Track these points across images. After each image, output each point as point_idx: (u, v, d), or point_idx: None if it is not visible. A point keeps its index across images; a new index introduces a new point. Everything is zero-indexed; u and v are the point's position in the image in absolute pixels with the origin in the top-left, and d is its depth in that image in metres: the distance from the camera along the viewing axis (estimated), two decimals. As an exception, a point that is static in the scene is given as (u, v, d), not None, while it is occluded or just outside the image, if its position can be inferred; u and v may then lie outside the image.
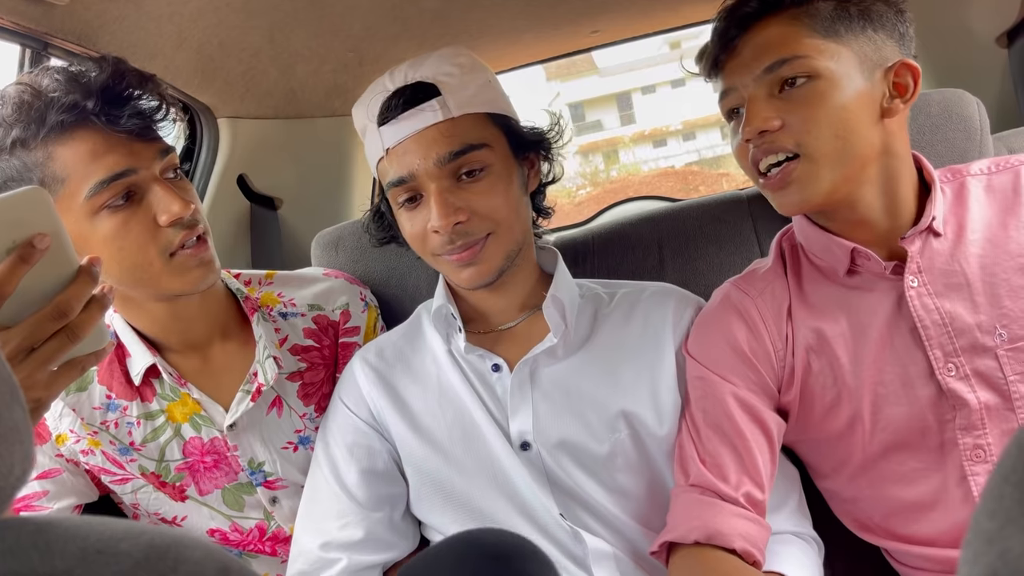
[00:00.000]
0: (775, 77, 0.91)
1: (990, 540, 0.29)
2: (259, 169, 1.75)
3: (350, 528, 1.04)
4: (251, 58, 1.49)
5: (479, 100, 1.02)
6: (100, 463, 1.13)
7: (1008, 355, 0.91)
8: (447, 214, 0.97)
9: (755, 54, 0.92)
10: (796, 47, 0.90)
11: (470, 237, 1.00)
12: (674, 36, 2.09)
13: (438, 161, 0.98)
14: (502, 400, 1.06)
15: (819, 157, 0.90)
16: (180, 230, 0.99)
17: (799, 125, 0.89)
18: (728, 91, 0.96)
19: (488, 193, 1.00)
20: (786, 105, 0.90)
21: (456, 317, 1.08)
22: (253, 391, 1.12)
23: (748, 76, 0.93)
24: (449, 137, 0.99)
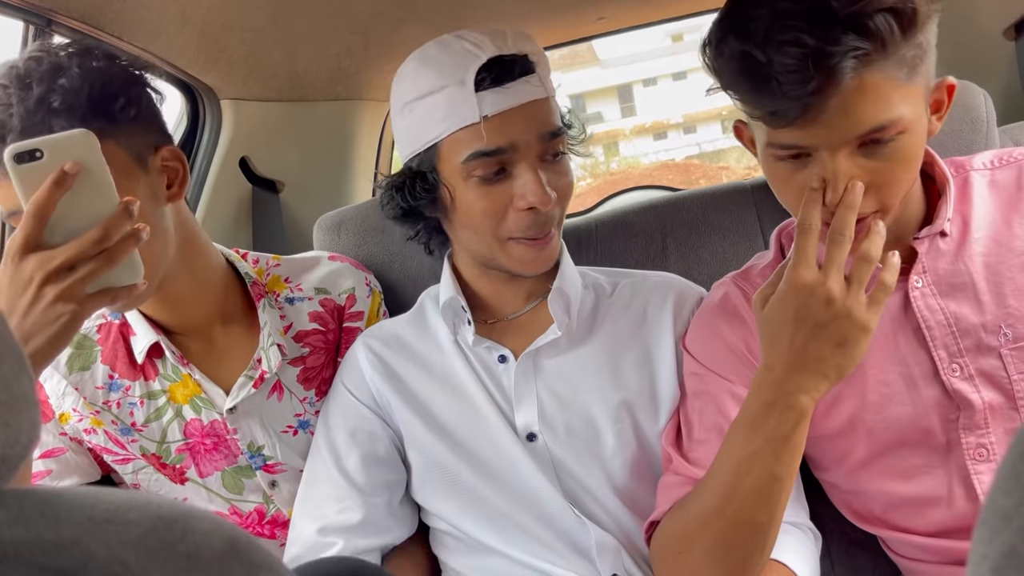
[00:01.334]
0: (866, 138, 0.81)
1: (1007, 517, 0.29)
2: (261, 152, 1.75)
3: (348, 512, 1.04)
4: (255, 39, 1.49)
5: (551, 79, 1.03)
6: (102, 443, 1.13)
7: (1012, 354, 0.90)
8: (547, 200, 0.96)
9: (848, 116, 0.79)
10: (892, 106, 0.80)
11: (552, 221, 1.00)
12: (676, 29, 2.08)
13: (541, 137, 0.97)
14: (507, 391, 1.06)
15: (894, 207, 0.86)
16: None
17: (885, 186, 0.83)
18: (795, 147, 0.84)
19: (567, 175, 1.02)
20: (869, 166, 0.82)
21: (466, 310, 1.07)
22: (256, 378, 1.11)
23: (839, 138, 0.81)
24: (551, 114, 0.99)
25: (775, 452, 0.82)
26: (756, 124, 0.87)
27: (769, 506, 0.84)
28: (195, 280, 1.10)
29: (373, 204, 1.42)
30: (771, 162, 0.88)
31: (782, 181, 0.88)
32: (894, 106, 0.80)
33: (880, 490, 0.99)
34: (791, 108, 0.79)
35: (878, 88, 0.79)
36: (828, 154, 0.82)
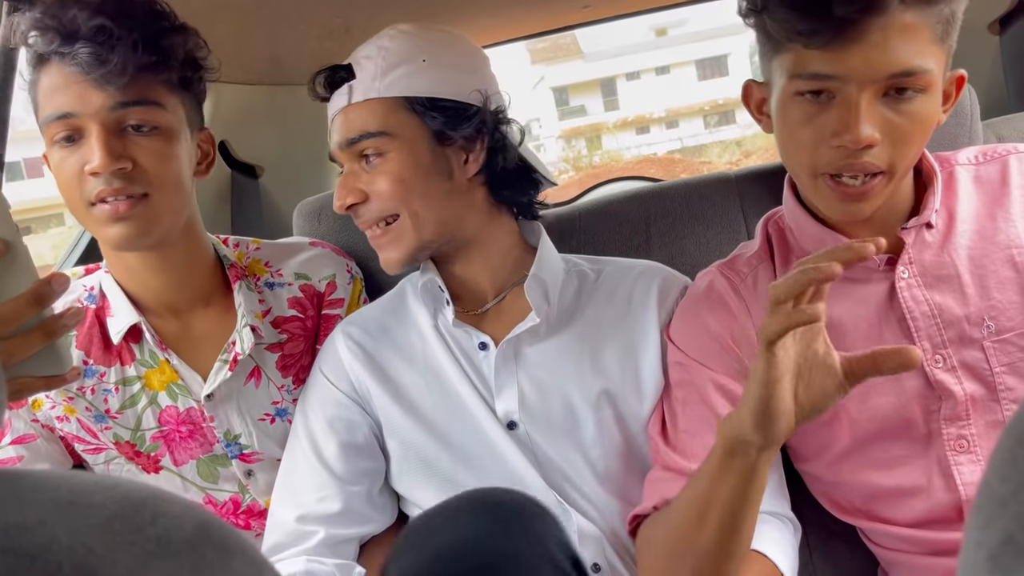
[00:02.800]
0: (893, 84, 0.82)
1: (1004, 503, 0.29)
2: (241, 136, 1.72)
3: (328, 501, 1.03)
4: (239, 20, 1.46)
5: (393, 85, 1.01)
6: (74, 431, 1.11)
7: (995, 347, 0.91)
8: (342, 196, 1.04)
9: (888, 48, 0.79)
10: (925, 54, 0.80)
11: (369, 214, 1.04)
12: (660, 24, 2.08)
13: (340, 145, 1.04)
14: (488, 379, 1.05)
15: (900, 173, 0.86)
16: (101, 183, 0.97)
17: (897, 144, 0.84)
18: (826, 77, 0.83)
19: (381, 176, 1.02)
20: (889, 117, 0.83)
21: (444, 291, 1.06)
22: (230, 360, 1.10)
23: (870, 72, 0.80)
24: (350, 123, 1.03)
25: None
26: (782, 58, 0.87)
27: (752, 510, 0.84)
28: (189, 255, 1.11)
29: (354, 190, 1.40)
30: (791, 103, 0.87)
31: (798, 123, 0.87)
32: (926, 57, 0.80)
33: (861, 481, 0.99)
34: (833, 26, 0.78)
35: (918, 32, 0.79)
36: (856, 89, 0.81)
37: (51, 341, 0.74)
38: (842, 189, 0.87)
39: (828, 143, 0.85)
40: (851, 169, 0.85)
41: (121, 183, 0.97)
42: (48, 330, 0.74)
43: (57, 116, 0.98)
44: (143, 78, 0.98)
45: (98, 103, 0.97)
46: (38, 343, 0.73)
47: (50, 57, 0.98)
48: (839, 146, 0.84)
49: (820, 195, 0.90)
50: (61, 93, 0.97)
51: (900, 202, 0.95)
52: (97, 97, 0.97)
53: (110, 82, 0.96)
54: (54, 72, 0.98)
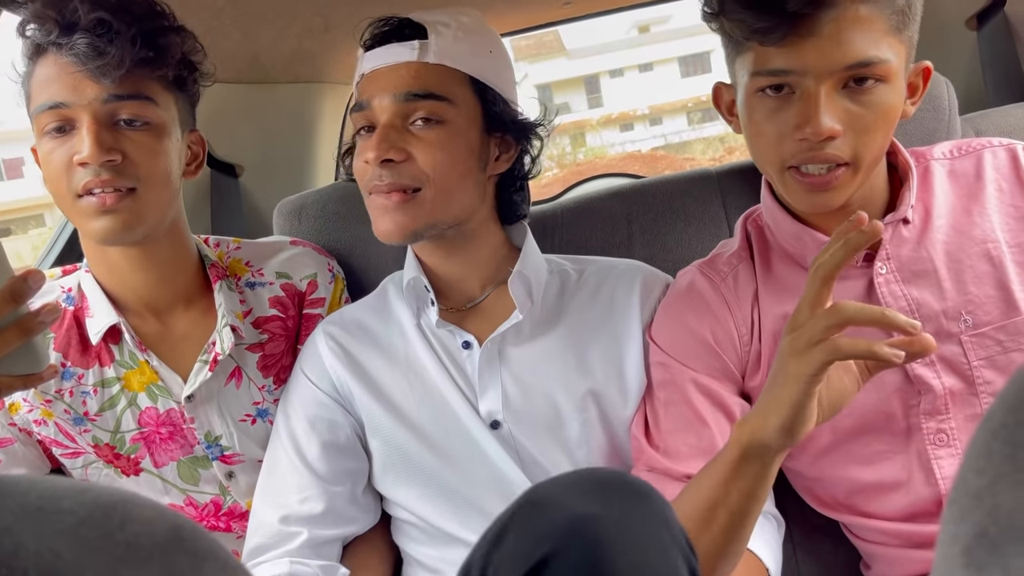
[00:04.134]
0: (851, 75, 0.83)
1: (979, 497, 0.29)
2: (220, 135, 1.71)
3: (311, 502, 1.02)
4: (212, 19, 1.45)
5: (465, 60, 1.01)
6: (52, 435, 1.10)
7: (972, 341, 0.92)
8: (382, 147, 0.97)
9: (843, 40, 0.81)
10: (881, 44, 0.82)
11: (397, 177, 0.98)
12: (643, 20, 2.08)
13: (395, 97, 0.99)
14: (471, 378, 1.05)
15: (865, 165, 0.87)
16: (89, 174, 0.97)
17: (860, 134, 0.85)
18: (784, 72, 0.85)
19: (432, 146, 0.98)
20: (849, 108, 0.84)
21: (429, 290, 1.06)
22: (210, 361, 1.09)
23: (827, 65, 0.82)
24: (416, 78, 0.99)
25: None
26: (744, 58, 0.89)
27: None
28: (172, 253, 1.11)
29: (334, 189, 1.40)
30: (754, 100, 0.89)
31: (762, 119, 0.89)
32: (882, 47, 0.82)
33: (843, 476, 0.99)
34: (787, 22, 0.81)
35: (872, 23, 0.82)
36: (814, 82, 0.83)
37: (28, 339, 0.74)
38: (808, 180, 0.87)
39: (791, 137, 0.86)
40: (814, 160, 0.86)
41: (109, 175, 0.97)
42: (25, 327, 0.74)
43: (49, 106, 0.98)
44: (138, 73, 0.99)
45: (92, 94, 0.97)
46: (15, 340, 0.73)
47: (47, 48, 0.98)
48: (801, 139, 0.85)
49: (788, 188, 0.91)
50: (55, 83, 0.98)
51: (875, 197, 0.96)
52: (91, 88, 0.97)
53: (105, 74, 0.96)
54: (50, 63, 0.98)
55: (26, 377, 0.77)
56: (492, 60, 1.05)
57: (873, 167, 0.90)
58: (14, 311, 0.73)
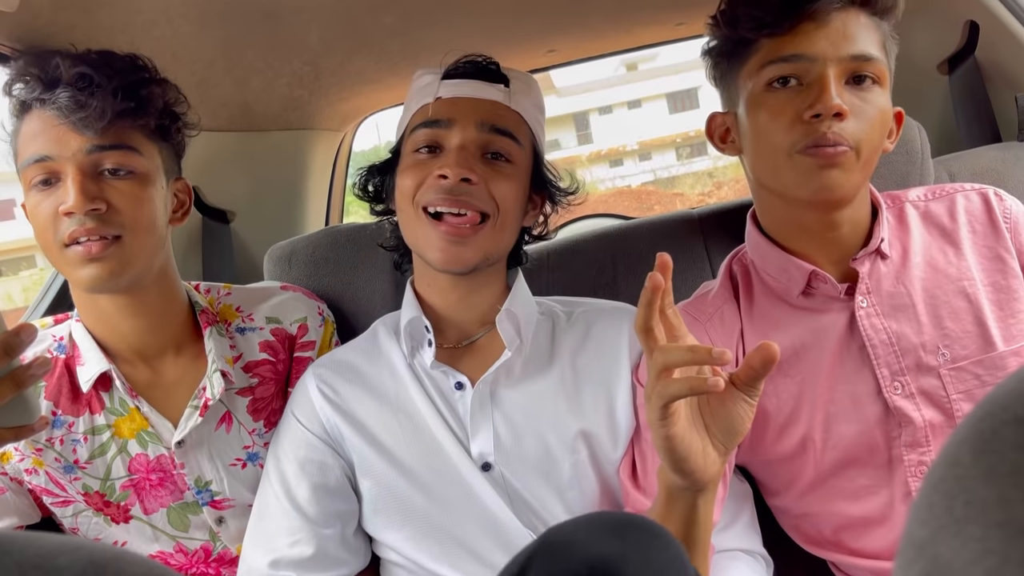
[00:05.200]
0: (855, 68, 0.90)
1: (921, 547, 0.30)
2: (212, 182, 1.73)
3: (300, 545, 1.02)
4: (205, 70, 1.48)
5: (531, 117, 1.09)
6: (43, 483, 1.09)
7: (951, 374, 0.94)
8: (465, 165, 0.99)
9: (847, 36, 0.90)
10: (877, 48, 0.91)
11: (468, 200, 1.00)
12: (630, 58, 2.13)
13: (480, 124, 1.03)
14: (463, 419, 1.05)
15: (864, 156, 0.91)
16: (74, 224, 0.99)
17: (862, 123, 0.90)
18: (795, 57, 0.91)
19: (507, 179, 1.03)
20: (851, 99, 0.90)
21: (429, 330, 1.07)
22: (200, 406, 1.10)
23: (835, 52, 0.90)
24: (501, 116, 1.04)
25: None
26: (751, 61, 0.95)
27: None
28: (162, 300, 1.12)
29: (324, 234, 1.41)
30: (764, 96, 0.94)
31: (774, 111, 0.93)
32: (877, 52, 0.90)
33: (830, 512, 1.01)
34: (799, 11, 0.89)
35: (871, 29, 0.91)
36: (823, 67, 0.89)
37: (20, 391, 0.75)
38: (820, 154, 0.89)
39: (802, 118, 0.90)
40: (824, 140, 0.89)
41: (94, 223, 0.99)
42: (17, 380, 0.75)
43: (35, 159, 1.00)
44: (120, 123, 1.02)
45: (75, 146, 0.99)
46: (8, 393, 0.74)
47: (32, 104, 1.01)
48: (813, 116, 0.89)
49: (797, 171, 0.92)
50: (40, 137, 1.00)
51: (856, 235, 0.99)
52: (74, 140, 0.99)
53: (88, 126, 0.98)
54: (35, 118, 1.01)
55: (17, 429, 0.78)
56: (543, 126, 1.13)
57: (870, 165, 0.93)
58: (7, 365, 0.74)
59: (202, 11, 1.28)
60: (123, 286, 1.04)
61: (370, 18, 1.48)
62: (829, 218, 0.96)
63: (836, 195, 0.92)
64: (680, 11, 1.72)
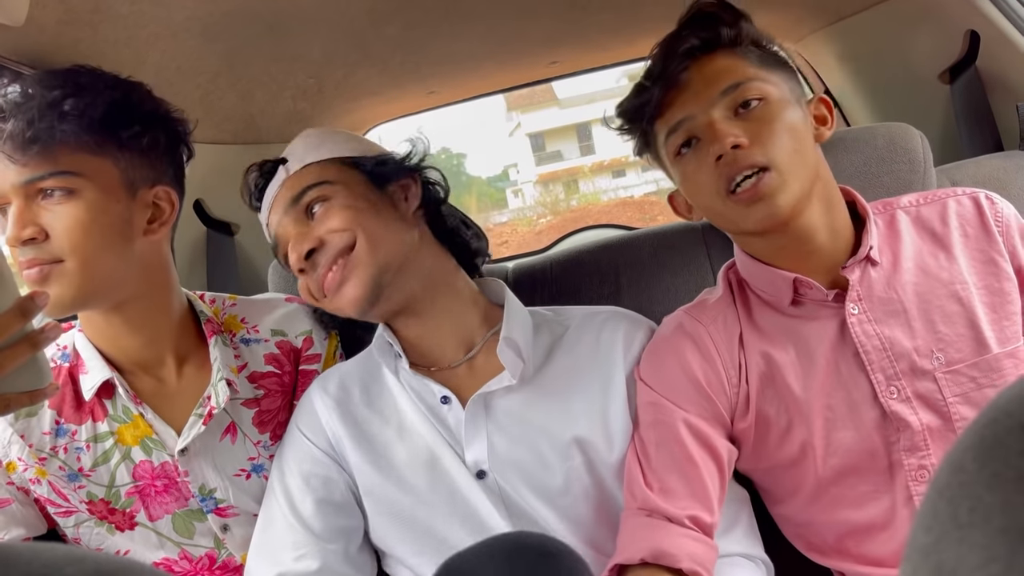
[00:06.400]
0: (731, 100, 0.95)
1: (926, 553, 0.30)
2: (216, 194, 1.74)
3: (306, 560, 1.02)
4: (209, 83, 1.49)
5: (322, 152, 1.11)
6: (46, 493, 1.10)
7: (946, 378, 0.94)
8: (299, 248, 1.04)
9: (707, 82, 0.96)
10: (745, 73, 0.96)
11: (327, 254, 1.04)
12: (632, 69, 2.14)
13: (284, 210, 1.07)
14: (455, 431, 1.05)
15: (785, 168, 0.92)
16: (27, 252, 0.98)
17: (764, 140, 0.92)
18: (681, 123, 0.98)
19: (331, 217, 1.05)
20: (746, 125, 0.93)
21: (392, 343, 1.09)
22: (205, 415, 1.10)
23: (703, 103, 0.95)
24: (288, 190, 1.08)
25: None
26: (662, 144, 1.02)
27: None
28: (158, 313, 1.11)
29: (328, 246, 1.42)
30: (678, 164, 1.01)
31: (690, 170, 0.99)
32: (749, 74, 0.96)
33: (833, 519, 1.01)
34: (667, 86, 0.98)
35: (733, 64, 0.97)
36: (704, 116, 0.95)
37: (36, 351, 0.77)
38: (742, 196, 0.93)
39: (712, 166, 0.94)
40: (736, 172, 0.93)
41: (33, 253, 0.97)
42: (33, 341, 0.77)
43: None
44: (53, 147, 0.97)
45: (12, 177, 0.97)
46: (24, 354, 0.76)
47: None
48: (718, 158, 0.93)
49: (734, 213, 0.96)
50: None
51: (841, 242, 0.99)
52: (11, 171, 0.97)
53: (14, 160, 0.96)
54: None
55: (32, 393, 0.80)
56: (347, 139, 1.15)
57: (802, 171, 0.94)
58: (22, 328, 0.76)
59: (206, 25, 1.29)
60: (83, 308, 1.03)
61: (373, 31, 1.49)
62: (795, 232, 0.97)
63: (780, 217, 0.94)
64: (681, 23, 1.73)
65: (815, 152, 0.98)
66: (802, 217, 0.96)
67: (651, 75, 1.00)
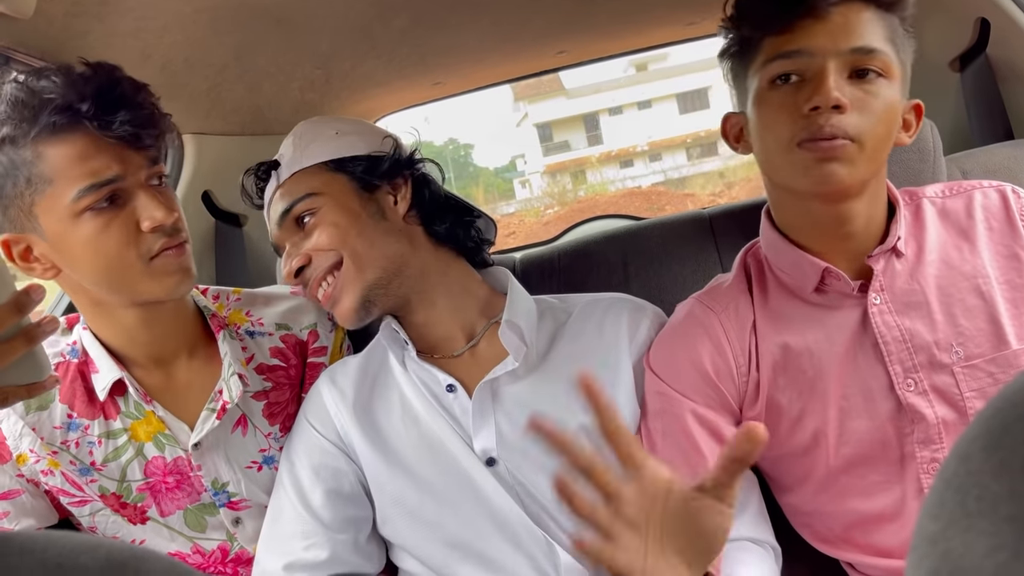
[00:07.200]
0: (856, 61, 0.89)
1: (933, 542, 0.30)
2: (225, 186, 1.74)
3: (315, 549, 1.03)
4: (217, 75, 1.49)
5: (309, 156, 1.13)
6: (59, 484, 1.10)
7: (964, 372, 0.93)
8: (288, 263, 1.12)
9: (849, 28, 0.89)
10: (882, 42, 0.90)
11: (315, 271, 1.10)
12: (640, 58, 2.13)
13: (277, 223, 1.13)
14: (461, 420, 1.06)
15: (868, 148, 0.90)
16: (161, 236, 1.01)
17: (864, 115, 0.89)
18: (795, 53, 0.91)
19: (317, 231, 1.10)
20: (854, 91, 0.89)
21: (399, 331, 1.10)
22: (218, 409, 1.11)
23: (834, 46, 0.89)
24: (280, 201, 1.13)
25: None
26: (757, 58, 0.95)
27: None
28: (174, 309, 1.12)
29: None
30: (767, 93, 0.94)
31: (777, 108, 0.92)
32: (884, 44, 0.89)
33: (841, 509, 1.01)
34: (800, 9, 0.90)
35: (874, 24, 0.90)
36: (822, 61, 0.89)
37: (32, 346, 0.78)
38: (818, 148, 0.89)
39: (802, 112, 0.89)
40: (822, 133, 0.88)
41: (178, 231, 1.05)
42: (29, 336, 0.77)
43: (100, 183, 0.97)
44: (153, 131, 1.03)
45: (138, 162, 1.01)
46: (20, 348, 0.77)
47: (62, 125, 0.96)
48: (812, 109, 0.88)
49: (796, 165, 0.92)
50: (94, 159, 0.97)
51: (872, 232, 0.98)
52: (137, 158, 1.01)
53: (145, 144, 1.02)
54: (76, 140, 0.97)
55: (30, 386, 0.80)
56: (337, 137, 1.15)
57: (878, 157, 0.92)
58: (18, 322, 0.77)
59: (214, 17, 1.29)
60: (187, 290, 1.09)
61: (380, 22, 1.49)
62: (838, 211, 0.95)
63: (837, 186, 0.91)
64: (691, 11, 1.72)
65: (890, 145, 0.94)
66: (852, 199, 0.94)
67: None
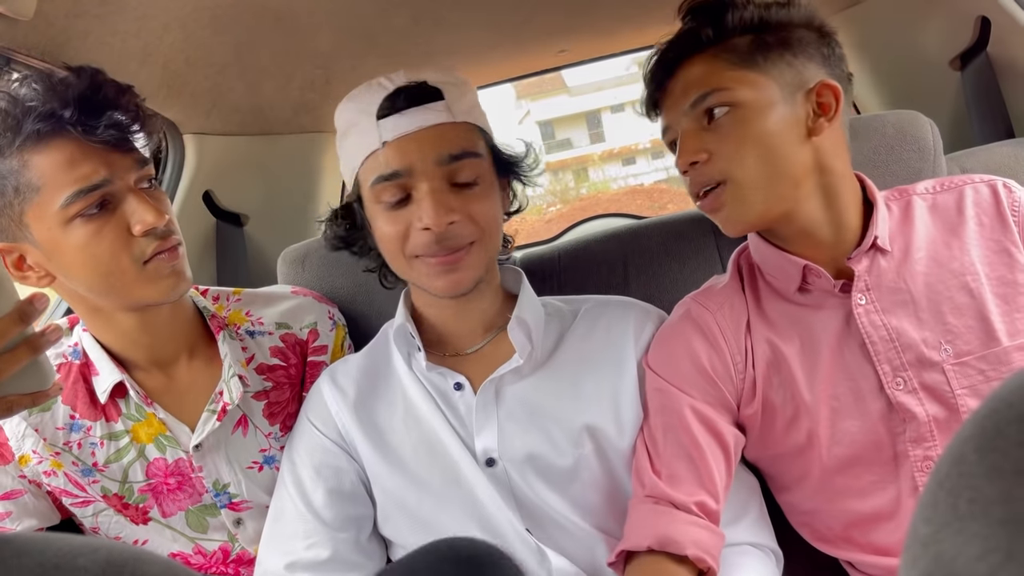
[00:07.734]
0: (700, 110, 0.96)
1: (925, 544, 0.30)
2: (225, 185, 1.74)
3: (316, 548, 1.03)
4: (217, 74, 1.49)
5: (475, 113, 1.04)
6: (62, 485, 1.11)
7: (954, 369, 0.93)
8: (442, 212, 0.96)
9: (682, 91, 0.98)
10: (716, 81, 0.95)
11: (457, 240, 0.99)
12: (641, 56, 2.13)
13: (438, 160, 0.98)
14: (465, 418, 1.06)
15: (745, 183, 0.94)
16: (154, 240, 1.00)
17: (726, 155, 0.94)
18: (666, 128, 1.03)
19: (481, 200, 1.00)
20: (713, 136, 0.95)
21: (415, 336, 1.08)
22: (219, 410, 1.11)
23: (678, 112, 0.99)
24: (451, 139, 0.99)
25: None
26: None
27: None
28: (178, 308, 1.12)
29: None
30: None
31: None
32: (721, 81, 0.95)
33: (838, 508, 1.01)
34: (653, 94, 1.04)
35: (706, 68, 0.97)
36: (678, 124, 0.99)
37: (36, 355, 0.77)
38: (703, 206, 1.00)
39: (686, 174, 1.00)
40: (698, 185, 0.98)
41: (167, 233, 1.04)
42: (33, 345, 0.77)
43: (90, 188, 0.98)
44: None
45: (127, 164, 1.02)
46: (24, 358, 0.76)
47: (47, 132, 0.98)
48: (683, 172, 1.00)
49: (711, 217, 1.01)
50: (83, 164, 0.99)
51: (847, 229, 0.99)
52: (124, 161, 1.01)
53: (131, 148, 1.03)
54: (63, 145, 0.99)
55: (35, 395, 0.80)
56: (481, 109, 1.08)
57: (768, 184, 0.94)
58: (22, 331, 0.76)
59: (215, 16, 1.29)
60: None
61: (380, 21, 1.49)
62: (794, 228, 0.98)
63: (743, 227, 0.98)
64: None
65: (801, 151, 0.94)
66: (785, 215, 0.96)
67: (646, 77, 1.05)
